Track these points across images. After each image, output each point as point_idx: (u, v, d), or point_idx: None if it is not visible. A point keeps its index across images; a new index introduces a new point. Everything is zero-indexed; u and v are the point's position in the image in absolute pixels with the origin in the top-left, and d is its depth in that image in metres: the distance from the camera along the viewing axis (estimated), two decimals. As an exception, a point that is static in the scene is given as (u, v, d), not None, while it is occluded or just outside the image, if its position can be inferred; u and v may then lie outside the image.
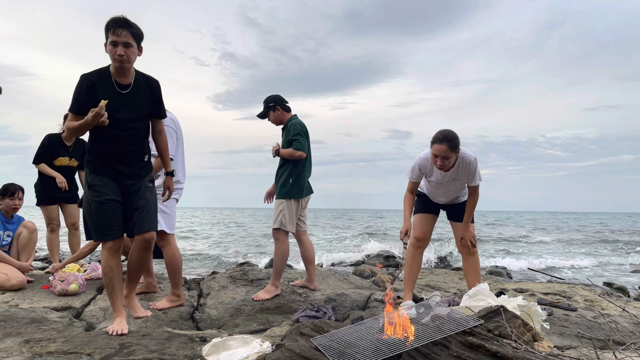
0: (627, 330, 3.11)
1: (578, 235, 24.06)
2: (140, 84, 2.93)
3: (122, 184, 2.95)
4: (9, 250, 4.54)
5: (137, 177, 3.01)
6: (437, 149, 3.33)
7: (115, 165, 2.92)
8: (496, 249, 15.90)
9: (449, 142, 3.29)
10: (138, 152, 3.00)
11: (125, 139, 2.90)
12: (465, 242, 3.70)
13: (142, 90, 2.93)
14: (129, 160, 2.96)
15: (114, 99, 2.78)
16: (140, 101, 2.92)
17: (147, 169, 3.10)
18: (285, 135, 4.24)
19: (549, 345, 2.48)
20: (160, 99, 3.04)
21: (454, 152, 3.34)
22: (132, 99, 2.88)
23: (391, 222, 36.53)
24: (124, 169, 2.95)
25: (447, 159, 3.35)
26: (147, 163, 3.09)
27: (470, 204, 3.65)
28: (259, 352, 2.38)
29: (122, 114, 2.84)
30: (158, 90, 3.02)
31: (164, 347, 2.57)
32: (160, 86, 3.06)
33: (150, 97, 2.98)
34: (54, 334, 2.85)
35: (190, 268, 9.73)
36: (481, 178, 3.55)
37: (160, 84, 3.05)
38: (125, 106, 2.85)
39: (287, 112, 4.30)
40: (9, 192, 4.53)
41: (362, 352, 2.10)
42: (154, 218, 3.10)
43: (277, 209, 4.10)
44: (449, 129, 3.38)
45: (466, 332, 2.14)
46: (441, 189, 3.70)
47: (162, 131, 3.16)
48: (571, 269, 11.25)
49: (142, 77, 2.96)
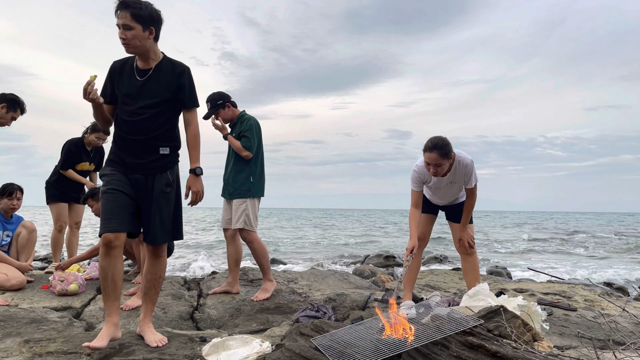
0: (627, 330, 3.11)
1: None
2: (163, 69, 2.68)
3: (130, 178, 2.66)
4: (8, 250, 4.54)
5: (144, 171, 2.66)
6: (428, 157, 3.34)
7: (123, 156, 2.67)
8: (497, 249, 15.90)
9: (439, 150, 3.29)
10: (150, 143, 2.66)
11: (137, 126, 2.64)
12: (463, 243, 3.72)
13: (163, 74, 2.67)
14: (138, 151, 2.65)
15: (130, 84, 2.65)
16: (159, 86, 2.65)
17: (160, 166, 2.69)
18: (237, 129, 4.12)
19: (549, 345, 2.48)
20: (185, 84, 2.70)
21: (445, 159, 3.34)
22: (150, 84, 2.64)
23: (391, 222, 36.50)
24: (130, 160, 2.65)
25: (439, 166, 3.35)
26: (161, 158, 2.69)
27: (467, 205, 3.66)
28: (258, 352, 2.38)
29: (137, 100, 2.64)
30: (183, 75, 2.69)
31: (164, 347, 2.57)
32: (190, 72, 2.75)
33: (174, 82, 2.67)
34: (54, 334, 2.85)
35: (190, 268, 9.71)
36: (477, 178, 3.56)
37: (190, 70, 2.75)
38: (141, 91, 2.64)
39: (236, 107, 4.22)
40: (7, 192, 4.53)
41: (362, 352, 2.10)
42: (167, 229, 2.72)
43: (239, 209, 3.96)
44: (439, 136, 3.38)
45: (466, 332, 2.14)
46: (439, 193, 3.72)
47: (191, 122, 2.76)
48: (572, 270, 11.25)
49: (169, 62, 2.71)
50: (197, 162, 2.74)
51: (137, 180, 2.65)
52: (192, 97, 2.74)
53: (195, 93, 2.75)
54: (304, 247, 16.12)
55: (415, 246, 3.55)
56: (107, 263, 2.56)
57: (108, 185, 2.61)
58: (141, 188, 2.65)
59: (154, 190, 2.66)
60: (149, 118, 2.63)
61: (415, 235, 3.58)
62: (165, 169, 2.70)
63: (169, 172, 2.71)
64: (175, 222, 2.77)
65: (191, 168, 2.74)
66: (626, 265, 11.57)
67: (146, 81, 2.64)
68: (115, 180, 2.62)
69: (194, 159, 2.75)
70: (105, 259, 2.57)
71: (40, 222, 5.43)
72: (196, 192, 2.74)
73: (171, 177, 2.72)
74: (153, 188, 2.66)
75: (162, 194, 2.67)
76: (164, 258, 2.81)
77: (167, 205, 2.70)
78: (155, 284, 2.79)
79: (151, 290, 2.78)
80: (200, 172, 2.74)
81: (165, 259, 2.82)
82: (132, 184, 2.65)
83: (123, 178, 2.63)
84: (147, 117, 2.63)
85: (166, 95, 2.65)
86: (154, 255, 2.76)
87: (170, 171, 2.72)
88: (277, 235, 21.56)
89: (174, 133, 2.77)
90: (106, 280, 2.58)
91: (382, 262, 9.81)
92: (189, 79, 2.72)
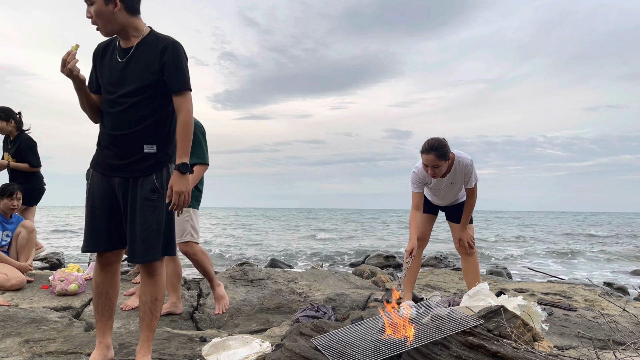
0: (627, 330, 3.11)
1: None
2: (145, 46, 2.18)
3: (113, 182, 2.23)
4: (8, 250, 4.54)
5: (125, 173, 2.20)
6: (425, 159, 3.34)
7: (104, 155, 2.25)
8: (497, 249, 15.90)
9: (436, 151, 3.29)
10: (133, 139, 2.18)
11: (117, 118, 2.18)
12: (463, 243, 3.71)
13: (145, 53, 2.17)
14: (119, 149, 2.20)
15: (111, 68, 2.21)
16: (140, 68, 2.16)
17: (145, 167, 2.20)
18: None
19: (549, 345, 2.48)
20: (169, 62, 2.15)
21: (443, 160, 3.34)
22: (131, 66, 2.18)
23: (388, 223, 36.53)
24: (111, 161, 2.22)
25: (437, 167, 3.35)
26: (146, 158, 2.20)
27: (468, 205, 3.66)
28: (258, 352, 2.38)
29: (118, 86, 2.19)
30: (167, 51, 2.15)
31: (164, 347, 2.56)
32: (179, 49, 2.19)
33: (157, 60, 2.15)
34: (54, 334, 2.85)
35: (190, 268, 9.72)
36: (477, 178, 3.56)
37: (179, 46, 2.19)
38: (122, 75, 2.18)
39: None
40: (8, 192, 4.53)
41: (362, 352, 2.10)
42: (154, 244, 2.20)
43: (182, 220, 3.52)
44: (436, 138, 3.37)
45: (466, 332, 2.13)
46: (440, 194, 3.72)
47: (181, 109, 2.18)
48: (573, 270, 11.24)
49: (154, 37, 2.21)
50: (184, 157, 2.17)
51: (118, 184, 2.22)
52: (179, 77, 2.17)
53: (183, 73, 2.18)
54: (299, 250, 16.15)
55: (414, 248, 3.55)
56: (103, 278, 2.30)
57: (87, 194, 2.28)
58: (124, 193, 2.21)
59: (136, 198, 2.18)
60: (131, 108, 2.17)
61: (415, 237, 3.57)
62: (150, 171, 2.20)
63: (155, 175, 2.21)
64: (166, 235, 2.26)
65: (176, 164, 2.16)
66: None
67: (127, 62, 2.18)
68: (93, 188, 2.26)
69: (182, 153, 2.17)
70: (100, 274, 2.30)
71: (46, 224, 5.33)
72: (179, 193, 2.14)
73: (158, 182, 2.20)
74: (136, 195, 2.18)
75: (147, 202, 2.17)
76: (161, 276, 2.29)
77: (153, 215, 2.18)
78: (151, 307, 2.26)
79: (147, 315, 2.26)
80: (186, 169, 2.15)
81: (162, 278, 2.30)
82: (113, 190, 2.23)
83: (105, 184, 2.24)
84: (128, 106, 2.17)
85: (149, 78, 2.16)
86: (146, 274, 2.26)
87: (158, 174, 2.22)
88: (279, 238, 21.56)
89: (164, 127, 2.24)
90: (100, 297, 2.30)
91: (382, 262, 9.82)
92: (175, 56, 2.16)
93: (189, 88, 2.21)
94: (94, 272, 2.34)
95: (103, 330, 2.32)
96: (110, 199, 2.23)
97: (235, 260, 11.30)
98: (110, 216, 2.24)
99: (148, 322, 2.27)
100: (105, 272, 2.30)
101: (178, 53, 2.18)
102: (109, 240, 2.25)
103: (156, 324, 2.31)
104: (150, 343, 2.30)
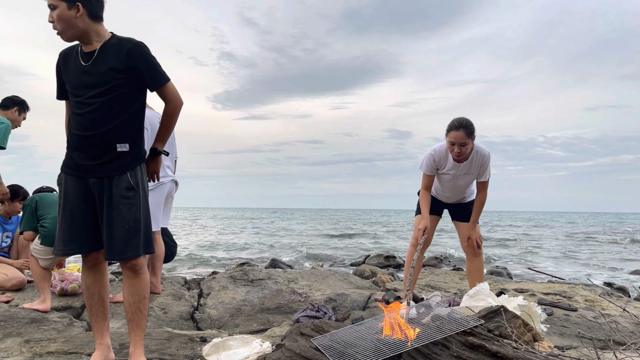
0: (627, 330, 3.11)
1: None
2: (109, 48, 2.20)
3: (86, 184, 2.23)
4: (9, 252, 4.53)
5: (98, 173, 2.21)
6: (454, 136, 3.32)
7: (75, 157, 2.24)
8: (497, 249, 15.89)
9: (465, 129, 3.30)
10: (104, 139, 2.20)
11: (87, 119, 2.19)
12: (472, 243, 3.68)
13: (110, 55, 2.19)
14: (90, 150, 2.21)
15: (75, 71, 2.23)
16: (105, 68, 2.18)
17: (119, 166, 2.21)
18: None
19: (549, 345, 2.48)
20: (144, 66, 2.20)
21: (471, 139, 3.35)
22: (97, 67, 2.19)
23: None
24: (83, 162, 2.22)
25: (464, 146, 3.34)
26: (119, 157, 2.22)
27: (478, 201, 3.62)
28: (259, 352, 2.38)
29: (84, 88, 2.20)
30: (133, 54, 2.18)
31: (164, 347, 2.57)
32: (145, 49, 2.22)
33: (122, 62, 2.17)
34: (54, 334, 2.85)
35: (192, 269, 9.73)
36: (490, 174, 3.55)
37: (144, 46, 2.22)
38: (88, 78, 2.19)
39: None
40: (21, 195, 4.51)
41: (363, 352, 2.10)
42: (135, 241, 2.21)
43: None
44: (463, 117, 3.38)
45: (466, 332, 2.13)
46: (450, 183, 3.65)
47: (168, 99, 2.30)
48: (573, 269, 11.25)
49: (117, 40, 2.23)
50: (159, 144, 2.36)
51: (94, 185, 2.22)
52: (156, 76, 2.24)
53: (158, 69, 2.24)
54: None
55: (427, 226, 3.52)
56: (92, 280, 2.30)
57: (61, 200, 2.27)
58: (100, 193, 2.22)
59: (112, 196, 2.19)
60: (100, 108, 2.18)
61: (427, 215, 3.54)
62: (124, 170, 2.22)
63: (129, 173, 2.23)
64: (145, 233, 2.27)
65: (152, 146, 2.35)
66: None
67: (92, 65, 2.20)
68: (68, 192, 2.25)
69: (158, 139, 2.36)
70: (89, 276, 2.30)
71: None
72: (151, 174, 2.38)
73: (133, 180, 2.23)
74: (112, 193, 2.19)
75: (123, 200, 2.19)
76: (145, 274, 2.28)
77: (130, 212, 2.20)
78: (140, 306, 2.25)
79: (136, 314, 2.25)
80: (157, 153, 2.36)
81: (146, 275, 2.29)
82: (89, 190, 2.23)
83: (80, 186, 2.23)
84: (97, 107, 2.18)
85: (116, 79, 2.18)
86: (130, 273, 2.24)
87: (132, 172, 2.24)
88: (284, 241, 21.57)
89: (135, 125, 2.27)
90: (92, 298, 2.30)
91: (382, 262, 9.81)
92: (144, 57, 2.20)
93: (168, 78, 2.28)
94: (82, 275, 2.34)
95: (100, 331, 2.32)
96: (87, 200, 2.24)
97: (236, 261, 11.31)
98: (91, 217, 2.24)
99: (138, 321, 2.26)
100: (94, 272, 2.31)
101: (145, 53, 2.21)
102: (93, 241, 2.26)
103: (145, 322, 2.30)
104: (143, 342, 2.29)
